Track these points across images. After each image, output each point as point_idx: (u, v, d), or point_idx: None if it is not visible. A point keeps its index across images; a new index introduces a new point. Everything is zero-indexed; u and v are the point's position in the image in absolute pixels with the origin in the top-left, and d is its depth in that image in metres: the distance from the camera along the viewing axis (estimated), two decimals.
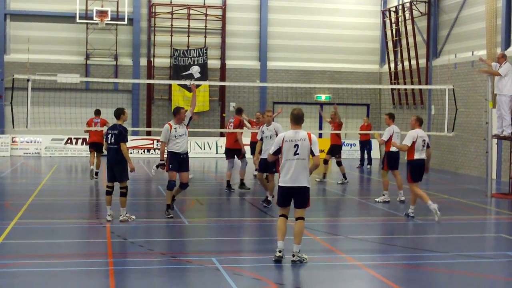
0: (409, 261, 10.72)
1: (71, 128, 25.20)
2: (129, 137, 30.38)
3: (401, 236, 12.67)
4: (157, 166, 14.74)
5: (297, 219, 10.36)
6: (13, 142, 30.26)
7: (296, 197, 10.29)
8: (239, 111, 19.88)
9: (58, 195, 17.77)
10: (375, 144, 32.03)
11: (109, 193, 13.75)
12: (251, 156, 19.46)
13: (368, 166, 27.67)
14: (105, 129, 20.05)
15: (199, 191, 19.12)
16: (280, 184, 10.35)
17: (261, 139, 16.09)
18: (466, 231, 13.53)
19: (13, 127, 20.40)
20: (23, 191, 18.25)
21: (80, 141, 30.74)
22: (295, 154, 10.19)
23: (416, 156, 14.28)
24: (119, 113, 14.12)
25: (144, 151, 30.98)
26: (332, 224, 12.83)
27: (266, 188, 16.13)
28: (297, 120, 10.36)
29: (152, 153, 30.99)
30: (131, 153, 30.32)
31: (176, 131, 14.24)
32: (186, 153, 14.48)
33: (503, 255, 11.32)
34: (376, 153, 32.13)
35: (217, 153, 31.10)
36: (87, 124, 21.39)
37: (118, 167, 13.63)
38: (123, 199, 13.62)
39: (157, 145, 31.00)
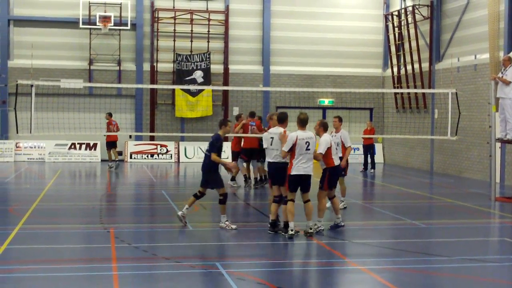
0: (413, 265, 10.71)
1: (74, 133, 25.26)
2: (133, 142, 30.75)
3: (404, 240, 12.67)
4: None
5: (306, 201, 12.73)
6: (17, 147, 30.32)
7: (304, 183, 12.64)
8: (252, 114, 20.89)
9: (62, 201, 17.79)
10: (378, 148, 32.08)
11: (196, 196, 13.85)
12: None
13: (372, 170, 27.66)
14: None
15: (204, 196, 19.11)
16: (293, 173, 12.50)
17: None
18: (470, 235, 13.52)
19: (17, 133, 20.51)
20: (27, 196, 18.27)
21: (84, 146, 30.80)
22: (307, 149, 12.55)
23: (336, 162, 13.65)
24: (220, 124, 13.91)
25: (147, 156, 31.00)
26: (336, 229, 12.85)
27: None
28: (303, 123, 12.67)
29: (155, 158, 31.01)
30: (134, 158, 30.37)
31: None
32: None
33: (507, 259, 11.31)
34: (380, 157, 32.17)
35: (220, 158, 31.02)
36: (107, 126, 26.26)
37: (208, 175, 13.69)
38: (222, 206, 13.55)
39: (161, 149, 31.08)
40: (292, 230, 12.40)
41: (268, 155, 13.16)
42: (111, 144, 26.84)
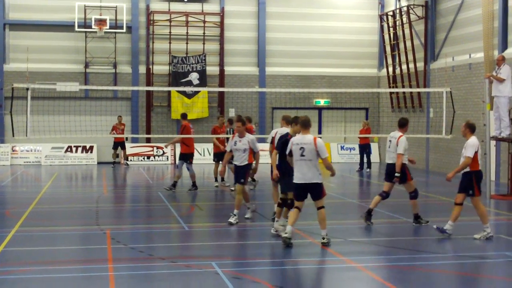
0: (408, 263, 10.77)
1: (71, 136, 25.27)
2: (129, 144, 30.77)
3: (399, 238, 12.72)
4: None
5: (318, 208, 11.95)
6: (13, 151, 30.33)
7: (309, 191, 11.89)
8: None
9: (58, 203, 17.84)
10: (374, 148, 32.15)
11: (280, 205, 12.98)
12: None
13: (368, 170, 27.74)
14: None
15: (199, 196, 19.18)
16: (294, 181, 11.87)
17: (231, 150, 14.77)
18: (465, 232, 13.56)
19: (13, 136, 20.55)
20: (24, 199, 18.32)
21: (80, 149, 30.82)
22: (302, 155, 11.72)
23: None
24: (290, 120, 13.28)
25: (144, 158, 31.03)
26: (331, 228, 12.85)
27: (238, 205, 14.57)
28: (303, 125, 11.95)
29: (152, 160, 31.04)
30: (131, 160, 30.40)
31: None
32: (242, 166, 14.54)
33: (502, 255, 11.37)
34: (376, 156, 32.23)
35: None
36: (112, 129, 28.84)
37: (282, 178, 12.93)
38: (284, 209, 12.83)
39: (157, 151, 31.13)
40: (286, 233, 11.65)
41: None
42: (117, 144, 29.84)
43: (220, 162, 20.19)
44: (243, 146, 14.39)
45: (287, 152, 12.03)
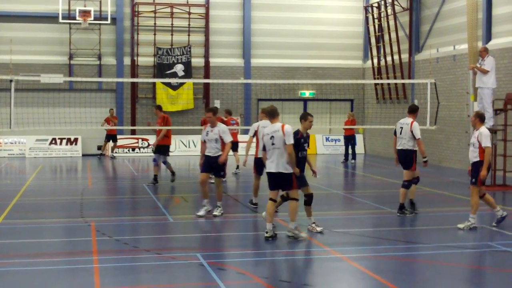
0: (392, 253, 10.83)
1: (55, 128, 25.17)
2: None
3: (384, 229, 12.78)
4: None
5: (290, 199, 11.74)
6: None
7: (280, 182, 11.63)
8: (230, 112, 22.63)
9: (43, 195, 17.77)
10: (359, 139, 32.26)
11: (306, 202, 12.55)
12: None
13: (353, 161, 27.82)
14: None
15: (184, 188, 19.17)
16: (266, 170, 11.77)
17: (204, 141, 14.29)
18: (449, 222, 13.66)
19: None
20: (8, 191, 18.23)
21: (64, 141, 30.70)
22: (273, 144, 11.58)
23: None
24: (300, 118, 12.62)
25: (129, 150, 30.94)
26: (316, 218, 12.90)
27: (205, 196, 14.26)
28: (270, 115, 11.88)
29: (137, 152, 30.97)
30: (116, 152, 30.31)
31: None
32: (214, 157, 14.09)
33: (485, 245, 11.46)
34: (360, 147, 32.34)
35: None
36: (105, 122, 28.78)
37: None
38: (307, 207, 12.45)
39: (142, 143, 31.06)
40: (267, 232, 11.50)
41: None
42: (109, 136, 29.86)
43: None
44: (215, 136, 14.02)
45: (262, 148, 11.99)
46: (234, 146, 21.73)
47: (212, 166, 14.04)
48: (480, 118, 13.09)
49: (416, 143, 14.36)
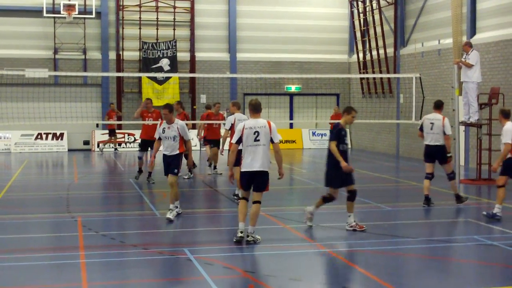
0: (378, 247, 10.87)
1: (40, 123, 25.05)
2: (100, 131, 30.60)
3: (370, 223, 12.83)
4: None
5: (254, 202, 10.98)
6: None
7: (256, 181, 10.94)
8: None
9: (28, 191, 17.70)
10: None
11: (325, 198, 12.39)
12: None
13: None
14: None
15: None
16: (243, 170, 10.97)
17: (159, 139, 13.44)
18: (435, 216, 13.76)
19: None
20: None
21: (50, 136, 30.57)
22: (256, 140, 10.82)
23: None
24: (343, 111, 12.40)
25: (115, 145, 30.83)
26: (302, 213, 12.94)
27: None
28: (255, 109, 11.04)
29: (123, 147, 30.89)
30: (104, 147, 30.19)
31: None
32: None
33: (471, 239, 11.52)
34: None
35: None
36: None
37: (329, 171, 12.27)
38: (350, 203, 12.13)
39: (128, 138, 30.99)
40: (241, 232, 10.85)
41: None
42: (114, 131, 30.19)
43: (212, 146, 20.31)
44: (172, 133, 13.10)
45: (234, 141, 11.01)
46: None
47: (169, 164, 13.19)
48: (502, 114, 13.30)
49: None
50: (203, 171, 21.77)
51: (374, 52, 30.26)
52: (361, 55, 31.56)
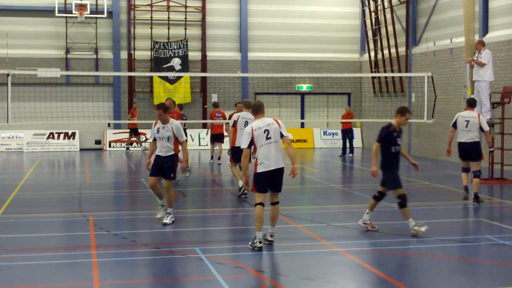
0: (390, 247, 10.85)
1: (52, 122, 25.13)
2: (112, 130, 30.70)
3: (382, 223, 12.79)
4: None
5: (273, 203, 10.76)
6: None
7: (275, 179, 10.62)
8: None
9: (41, 190, 17.76)
10: (357, 132, 32.27)
11: (375, 197, 12.03)
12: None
13: (350, 155, 27.84)
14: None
15: (182, 182, 19.16)
16: (260, 171, 10.55)
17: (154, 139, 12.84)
18: (447, 216, 13.70)
19: None
20: (6, 186, 18.22)
21: (62, 135, 30.66)
22: (267, 138, 10.56)
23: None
24: (396, 112, 12.12)
25: (127, 144, 30.87)
26: (314, 212, 12.94)
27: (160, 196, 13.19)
28: (257, 110, 10.82)
29: (134, 146, 30.92)
30: (113, 146, 30.29)
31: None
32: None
33: (483, 239, 11.47)
34: (358, 141, 32.36)
35: (199, 144, 31.14)
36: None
37: (384, 173, 11.85)
38: (403, 210, 11.65)
39: (140, 137, 31.04)
40: (260, 242, 10.46)
41: None
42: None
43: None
44: (167, 134, 12.52)
45: (246, 145, 10.61)
46: (220, 137, 24.19)
47: (163, 167, 12.62)
48: None
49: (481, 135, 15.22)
50: (213, 170, 21.77)
51: (386, 51, 30.17)
52: (372, 54, 31.48)
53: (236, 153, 15.33)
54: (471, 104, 15.45)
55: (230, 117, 18.48)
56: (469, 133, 15.04)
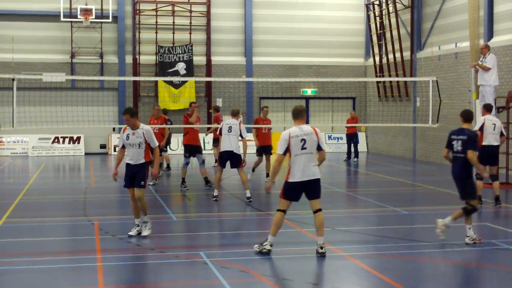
0: (395, 251, 10.83)
1: (57, 127, 25.16)
2: (116, 135, 30.73)
3: (387, 227, 12.79)
4: None
5: (316, 211, 10.47)
6: (0, 142, 30.20)
7: (309, 190, 10.37)
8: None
9: (46, 194, 17.79)
10: (361, 137, 32.26)
11: (466, 210, 11.49)
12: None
13: (355, 159, 27.82)
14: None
15: (187, 187, 19.16)
16: (291, 180, 10.31)
17: (123, 146, 12.12)
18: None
19: None
20: (11, 190, 18.26)
21: (67, 139, 30.73)
22: (303, 148, 10.20)
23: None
24: (466, 116, 11.76)
25: None
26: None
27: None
28: (297, 115, 10.38)
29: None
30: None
31: None
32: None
33: (488, 243, 11.43)
34: (363, 146, 32.34)
35: (204, 149, 31.14)
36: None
37: (462, 182, 11.58)
38: (466, 216, 11.42)
39: None
40: (271, 246, 10.45)
41: None
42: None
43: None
44: (138, 140, 11.72)
45: (282, 152, 10.24)
46: (215, 141, 23.66)
47: (135, 175, 11.98)
48: None
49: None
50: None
51: (391, 56, 30.17)
52: (377, 58, 31.48)
53: (222, 158, 16.10)
54: (489, 109, 15.64)
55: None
56: (495, 136, 15.38)
